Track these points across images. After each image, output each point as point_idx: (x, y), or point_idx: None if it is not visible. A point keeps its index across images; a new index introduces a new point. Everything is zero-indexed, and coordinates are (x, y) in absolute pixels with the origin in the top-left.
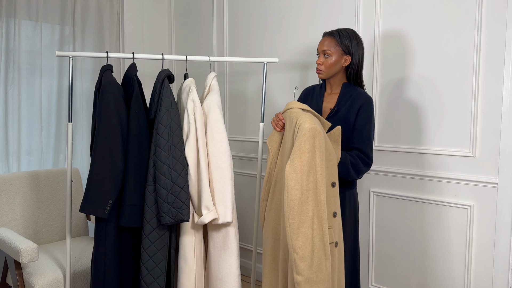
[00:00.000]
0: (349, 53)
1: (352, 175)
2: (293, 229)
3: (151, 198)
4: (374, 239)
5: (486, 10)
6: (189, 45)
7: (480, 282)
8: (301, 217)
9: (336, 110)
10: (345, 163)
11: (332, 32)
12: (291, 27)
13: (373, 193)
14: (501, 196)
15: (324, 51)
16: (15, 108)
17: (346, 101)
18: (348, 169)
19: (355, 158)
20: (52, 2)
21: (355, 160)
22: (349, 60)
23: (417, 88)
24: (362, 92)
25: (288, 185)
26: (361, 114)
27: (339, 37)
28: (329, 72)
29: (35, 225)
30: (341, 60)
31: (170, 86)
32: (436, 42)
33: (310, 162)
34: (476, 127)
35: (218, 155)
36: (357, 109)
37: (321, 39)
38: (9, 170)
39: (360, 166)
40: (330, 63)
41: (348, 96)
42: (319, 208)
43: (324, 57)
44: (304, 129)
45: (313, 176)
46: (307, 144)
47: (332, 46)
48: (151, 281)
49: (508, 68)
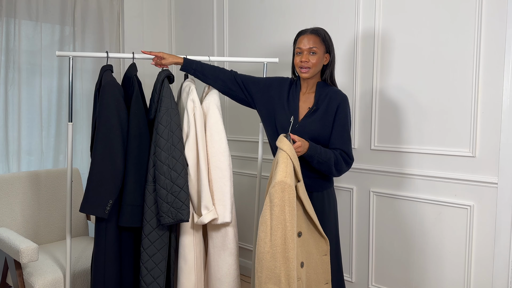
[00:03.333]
0: (329, 52)
1: (333, 174)
2: (260, 283)
3: (151, 198)
4: (374, 239)
5: (486, 10)
6: (189, 45)
7: (480, 282)
8: (268, 272)
9: (314, 110)
10: (328, 163)
11: (316, 29)
12: (291, 27)
13: (373, 193)
14: (501, 196)
15: (310, 48)
16: (15, 108)
17: (323, 100)
18: (331, 169)
19: (339, 158)
20: (52, 2)
21: (338, 160)
22: (328, 58)
23: (417, 88)
24: (337, 91)
25: (259, 236)
26: (340, 114)
27: (324, 35)
28: (315, 70)
29: (35, 225)
30: (323, 59)
31: (170, 86)
32: (436, 42)
33: (279, 217)
34: (476, 127)
35: (217, 155)
36: (335, 108)
37: (302, 37)
38: (9, 170)
39: (343, 166)
40: (316, 61)
41: (325, 95)
42: (287, 266)
43: (310, 55)
44: (274, 182)
45: (282, 232)
46: (275, 197)
47: (317, 44)
48: (151, 281)
49: (508, 68)
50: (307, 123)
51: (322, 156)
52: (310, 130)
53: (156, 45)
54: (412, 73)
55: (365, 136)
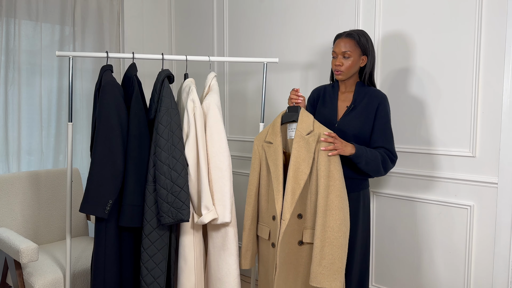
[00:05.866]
0: (366, 54)
1: (381, 172)
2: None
3: (151, 198)
4: (374, 239)
5: (486, 10)
6: (189, 45)
7: (480, 282)
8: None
9: (352, 107)
10: (375, 162)
11: (350, 33)
12: (291, 27)
13: (373, 193)
14: (501, 196)
15: (344, 52)
16: (15, 108)
17: (362, 98)
18: (379, 168)
19: (384, 156)
20: (52, 2)
21: (384, 159)
22: (365, 60)
23: (417, 88)
24: (376, 90)
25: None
26: (381, 112)
27: (358, 38)
28: (348, 73)
29: (35, 225)
30: (359, 61)
31: (170, 86)
32: (436, 42)
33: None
34: (476, 127)
35: (217, 155)
36: (375, 107)
37: (338, 40)
38: (9, 170)
39: (389, 164)
40: (350, 64)
41: (363, 94)
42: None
43: (344, 58)
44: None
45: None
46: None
47: (351, 47)
48: (151, 281)
49: (508, 68)
50: (347, 121)
51: (369, 155)
52: (351, 127)
53: (156, 45)
54: (412, 73)
55: None
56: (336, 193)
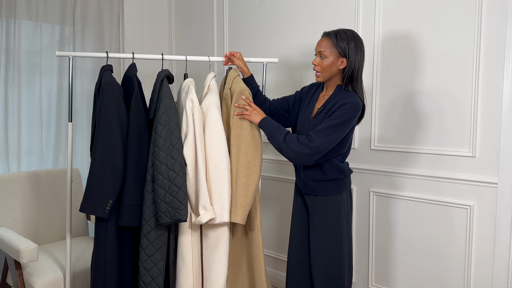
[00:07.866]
0: (345, 56)
1: (282, 149)
2: None
3: (150, 198)
4: (374, 239)
5: (486, 10)
6: (189, 45)
7: (480, 282)
8: None
9: (322, 110)
10: (278, 138)
11: (330, 32)
12: (291, 27)
13: (373, 193)
14: (501, 196)
15: (320, 52)
16: (15, 108)
17: (334, 103)
18: (280, 143)
19: (293, 137)
20: (52, 2)
21: (290, 138)
22: (345, 62)
23: (417, 88)
24: (350, 95)
25: None
26: (335, 113)
27: (335, 39)
28: (326, 74)
29: (35, 225)
30: (337, 62)
31: (169, 86)
32: (435, 42)
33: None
34: (476, 127)
35: (215, 155)
36: (334, 110)
37: (319, 39)
38: (9, 170)
39: (293, 144)
40: (326, 65)
41: (338, 98)
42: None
43: (320, 58)
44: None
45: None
46: None
47: (328, 48)
48: (149, 281)
49: (508, 68)
50: (313, 124)
51: (274, 129)
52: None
53: (156, 45)
54: (411, 74)
55: (365, 136)
56: (245, 140)
